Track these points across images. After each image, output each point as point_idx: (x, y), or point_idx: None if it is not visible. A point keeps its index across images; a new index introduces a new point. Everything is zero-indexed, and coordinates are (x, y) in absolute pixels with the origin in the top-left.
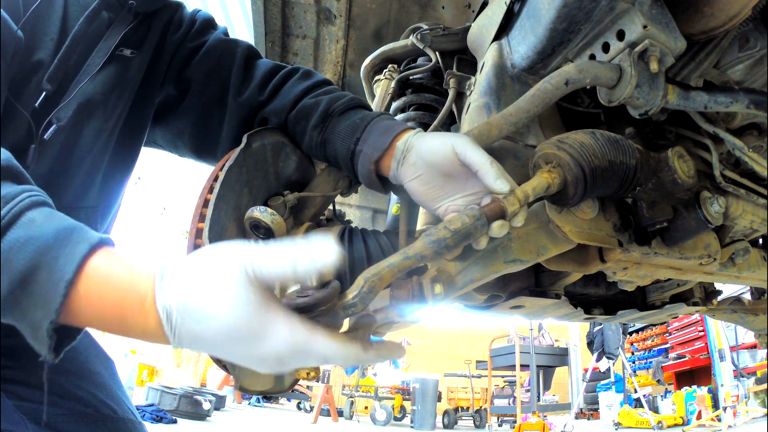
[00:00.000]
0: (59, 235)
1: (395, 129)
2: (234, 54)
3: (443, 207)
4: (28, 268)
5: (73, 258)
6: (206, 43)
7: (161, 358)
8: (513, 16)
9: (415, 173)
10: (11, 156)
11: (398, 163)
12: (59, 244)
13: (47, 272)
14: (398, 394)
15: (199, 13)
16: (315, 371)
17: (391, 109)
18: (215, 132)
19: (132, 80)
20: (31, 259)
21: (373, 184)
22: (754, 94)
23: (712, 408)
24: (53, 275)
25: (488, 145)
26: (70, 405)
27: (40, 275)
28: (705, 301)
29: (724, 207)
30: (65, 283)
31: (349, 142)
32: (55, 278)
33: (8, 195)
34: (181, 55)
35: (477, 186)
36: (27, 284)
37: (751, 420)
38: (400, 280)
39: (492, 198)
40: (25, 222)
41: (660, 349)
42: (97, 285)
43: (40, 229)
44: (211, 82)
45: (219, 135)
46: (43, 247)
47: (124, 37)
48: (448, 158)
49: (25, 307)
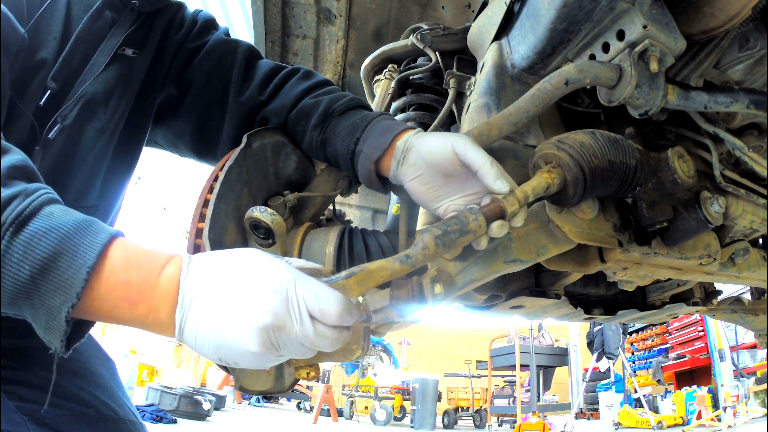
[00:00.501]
0: (79, 226)
1: (395, 129)
2: (235, 54)
3: (443, 207)
4: (50, 254)
5: (94, 246)
6: (207, 43)
7: (161, 358)
8: (513, 16)
9: (415, 173)
10: (27, 157)
11: (398, 163)
12: (80, 233)
13: (69, 258)
14: (398, 394)
15: (200, 13)
16: (315, 371)
17: (391, 109)
18: (216, 132)
19: (134, 80)
20: (54, 247)
21: (373, 184)
22: (754, 94)
23: (712, 408)
24: (75, 260)
25: (488, 145)
26: (72, 406)
27: (61, 261)
28: (705, 301)
29: (724, 207)
30: (87, 269)
31: (349, 142)
32: (77, 263)
33: (28, 190)
34: (182, 55)
35: (477, 186)
36: (48, 270)
37: (751, 420)
38: (400, 280)
39: (492, 198)
40: (46, 214)
41: (660, 349)
42: (117, 271)
43: (61, 220)
44: (212, 82)
45: (219, 135)
46: (64, 235)
47: (127, 36)
48: (448, 158)
49: (43, 293)
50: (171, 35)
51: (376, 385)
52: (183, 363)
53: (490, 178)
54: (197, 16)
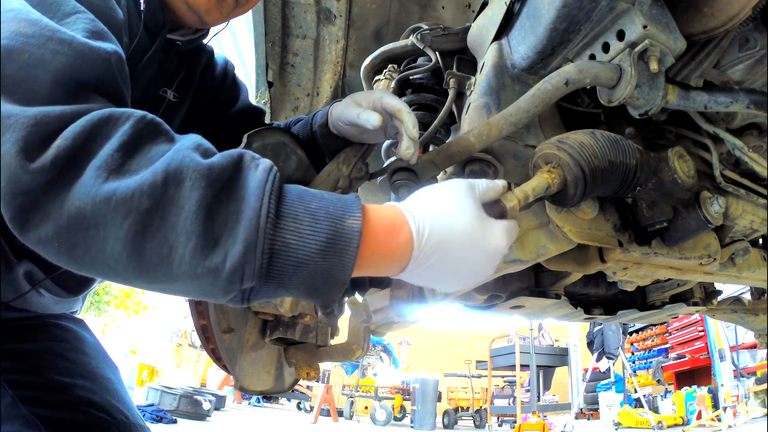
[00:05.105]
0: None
1: None
2: (261, 120)
3: None
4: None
5: (354, 204)
6: (238, 100)
7: (161, 358)
8: (513, 16)
9: None
10: None
11: None
12: (335, 199)
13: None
14: (398, 394)
15: (228, 63)
16: (315, 371)
17: None
18: None
19: (174, 124)
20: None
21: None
22: (754, 94)
23: (712, 408)
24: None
25: (488, 145)
26: (85, 410)
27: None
28: (705, 301)
29: (724, 207)
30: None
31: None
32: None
33: None
34: (213, 107)
35: (371, 140)
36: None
37: (751, 420)
38: (400, 281)
39: None
40: None
41: (660, 349)
42: (370, 220)
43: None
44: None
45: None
46: (328, 204)
47: (170, 77)
48: None
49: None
50: (206, 82)
51: (376, 385)
52: (183, 363)
53: (409, 124)
54: (227, 66)
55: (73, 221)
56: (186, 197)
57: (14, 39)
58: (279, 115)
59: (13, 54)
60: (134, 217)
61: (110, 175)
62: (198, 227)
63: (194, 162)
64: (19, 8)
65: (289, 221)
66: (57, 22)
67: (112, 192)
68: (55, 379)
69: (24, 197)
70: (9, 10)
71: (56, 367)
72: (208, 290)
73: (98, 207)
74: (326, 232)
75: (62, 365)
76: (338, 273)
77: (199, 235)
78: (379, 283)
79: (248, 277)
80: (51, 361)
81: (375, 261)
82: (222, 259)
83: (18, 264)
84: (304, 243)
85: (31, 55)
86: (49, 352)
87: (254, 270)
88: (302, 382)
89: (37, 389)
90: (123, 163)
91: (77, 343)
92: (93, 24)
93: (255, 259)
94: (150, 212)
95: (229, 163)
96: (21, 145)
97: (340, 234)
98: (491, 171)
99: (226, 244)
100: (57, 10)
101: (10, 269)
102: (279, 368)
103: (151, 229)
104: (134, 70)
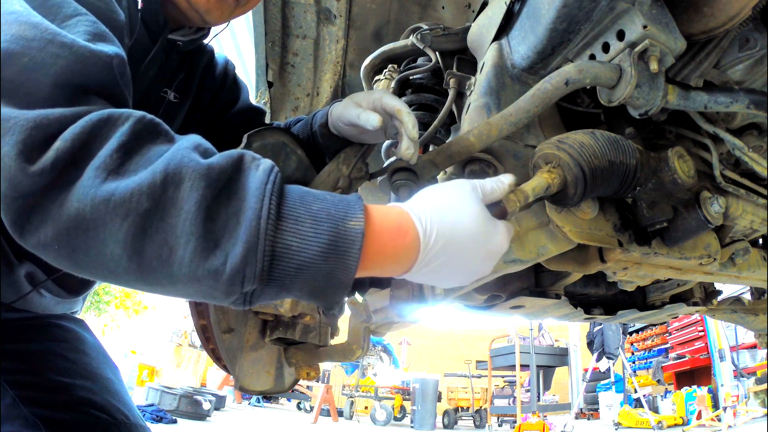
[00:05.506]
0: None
1: None
2: (261, 120)
3: None
4: (330, 222)
5: (357, 205)
6: (238, 100)
7: (161, 358)
8: (513, 17)
9: None
10: None
11: None
12: (336, 200)
13: (343, 221)
14: (398, 394)
15: (228, 62)
16: (315, 371)
17: None
18: None
19: (174, 125)
20: (328, 212)
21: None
22: (754, 94)
23: (712, 408)
24: (348, 219)
25: (488, 144)
26: (86, 410)
27: (339, 225)
28: (705, 301)
29: (724, 207)
30: (361, 228)
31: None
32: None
33: None
34: (215, 106)
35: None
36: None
37: (751, 420)
38: (400, 281)
39: None
40: None
41: (660, 349)
42: (374, 221)
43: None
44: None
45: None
46: (330, 206)
47: (171, 77)
48: None
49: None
50: (207, 82)
51: (376, 385)
52: (183, 363)
53: (409, 124)
54: (227, 66)
55: (72, 223)
56: (185, 198)
57: (15, 42)
58: (279, 115)
59: (13, 57)
60: (133, 218)
61: (109, 175)
62: (198, 228)
63: (193, 162)
64: (20, 11)
65: (291, 223)
66: (58, 25)
67: (110, 193)
68: (55, 379)
69: (24, 200)
70: (10, 13)
71: (57, 368)
72: (209, 293)
73: (97, 208)
74: (328, 234)
75: (62, 365)
76: (341, 275)
77: (199, 236)
78: (379, 283)
79: (249, 280)
80: (51, 361)
81: (379, 262)
82: (222, 261)
83: (19, 265)
84: (306, 245)
85: (32, 59)
86: (49, 352)
87: (255, 272)
88: (302, 382)
89: (38, 389)
90: (122, 163)
91: (77, 343)
92: (94, 26)
93: (256, 261)
94: (149, 213)
95: (229, 164)
96: (21, 147)
97: (342, 236)
98: (491, 171)
99: (227, 245)
100: (58, 12)
101: (11, 270)
102: (279, 368)
103: (150, 231)
104: (136, 71)
